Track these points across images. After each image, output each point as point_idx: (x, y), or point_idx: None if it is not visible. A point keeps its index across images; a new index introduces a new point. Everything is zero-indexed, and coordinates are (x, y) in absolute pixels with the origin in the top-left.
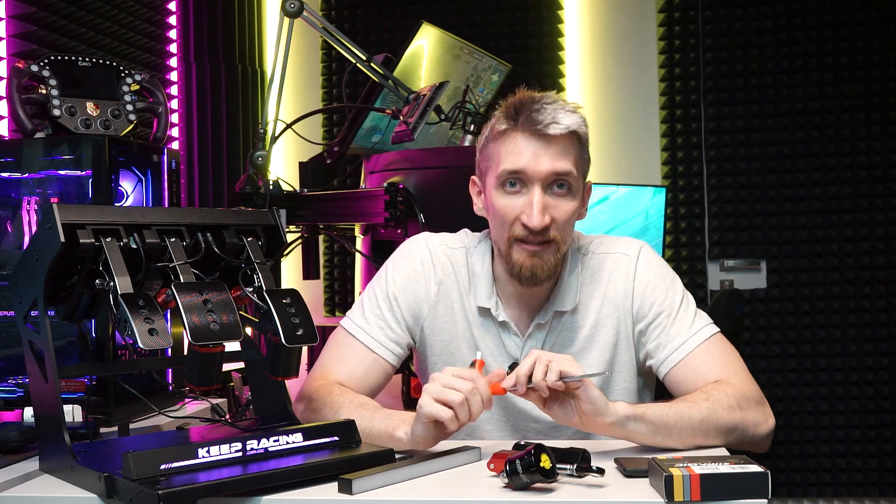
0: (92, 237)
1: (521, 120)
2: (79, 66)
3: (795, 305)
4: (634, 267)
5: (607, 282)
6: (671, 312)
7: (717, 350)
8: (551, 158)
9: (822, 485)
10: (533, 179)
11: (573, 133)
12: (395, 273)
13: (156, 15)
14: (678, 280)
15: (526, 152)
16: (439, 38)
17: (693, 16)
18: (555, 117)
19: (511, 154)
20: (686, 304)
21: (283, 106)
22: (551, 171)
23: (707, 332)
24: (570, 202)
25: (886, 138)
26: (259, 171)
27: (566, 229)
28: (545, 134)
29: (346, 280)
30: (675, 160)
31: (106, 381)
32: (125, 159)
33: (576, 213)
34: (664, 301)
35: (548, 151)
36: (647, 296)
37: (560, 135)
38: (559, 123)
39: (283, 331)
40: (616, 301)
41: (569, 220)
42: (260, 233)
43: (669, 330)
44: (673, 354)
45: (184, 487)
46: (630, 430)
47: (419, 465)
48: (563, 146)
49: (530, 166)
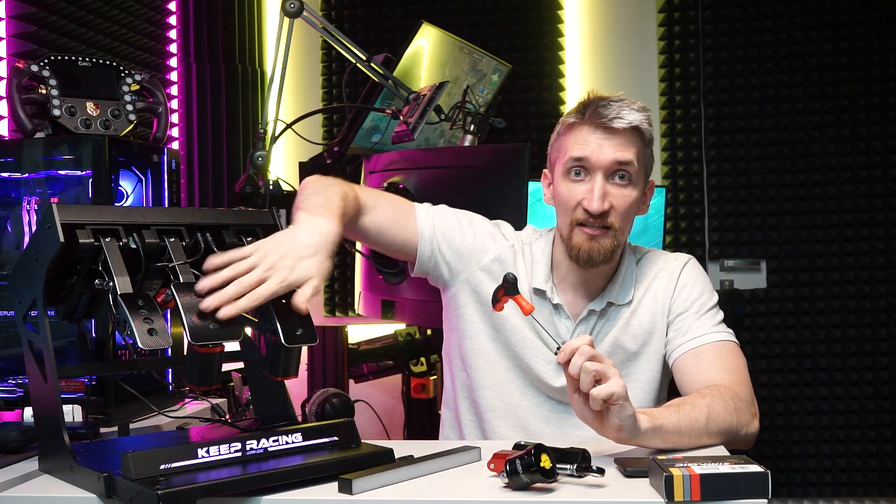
0: (91, 237)
1: (588, 114)
2: (79, 66)
3: (795, 305)
4: (681, 269)
5: (653, 280)
6: (699, 310)
7: (729, 353)
8: (614, 149)
9: (822, 485)
10: (596, 168)
11: (636, 129)
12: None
13: (156, 15)
14: (715, 294)
15: (591, 142)
16: (439, 38)
17: (693, 16)
18: (619, 112)
19: (577, 144)
20: (717, 311)
21: (283, 106)
22: (613, 161)
23: (725, 337)
24: (629, 192)
25: (886, 138)
26: (259, 171)
27: (625, 218)
28: (609, 127)
29: (346, 280)
30: (675, 160)
31: (106, 381)
32: (125, 159)
33: (635, 205)
34: (697, 299)
35: (611, 143)
36: (685, 293)
37: (623, 128)
38: (623, 118)
39: (283, 331)
40: (658, 293)
41: (628, 210)
42: (260, 233)
43: (693, 322)
44: (687, 343)
45: (183, 487)
46: (645, 442)
47: (419, 465)
48: (626, 139)
49: (594, 155)
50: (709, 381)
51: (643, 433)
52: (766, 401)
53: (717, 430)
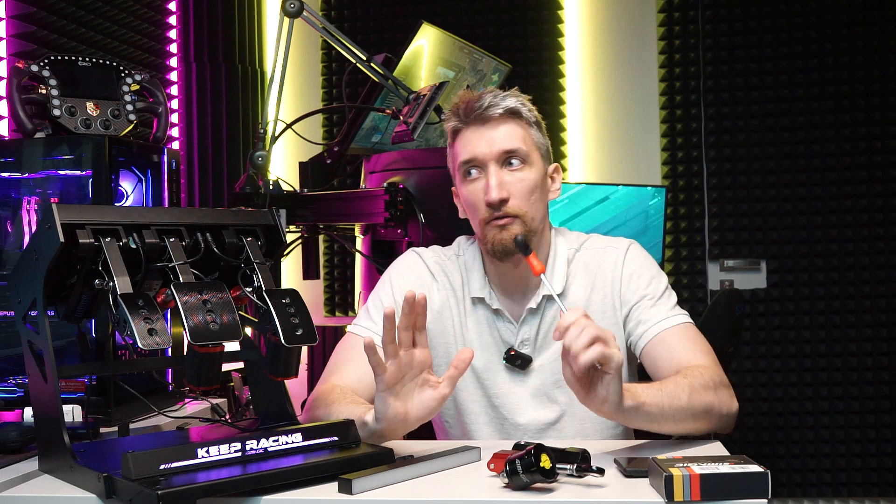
0: (91, 237)
1: (463, 114)
2: (79, 66)
3: (795, 305)
4: (623, 258)
5: (597, 272)
6: (654, 297)
7: (692, 334)
8: (497, 137)
9: (822, 485)
10: (486, 160)
11: (513, 111)
12: (400, 279)
13: (156, 15)
14: (664, 275)
15: (475, 139)
16: (439, 38)
17: (693, 16)
18: (492, 101)
19: (464, 146)
20: (669, 294)
21: (283, 106)
22: (499, 149)
23: (683, 319)
24: (525, 174)
25: (886, 138)
26: (259, 171)
27: (528, 202)
28: (487, 117)
29: (346, 280)
30: (675, 160)
31: (106, 381)
32: (125, 159)
33: (536, 188)
34: (648, 287)
35: (492, 132)
36: (633, 282)
37: (500, 114)
38: (497, 105)
39: (283, 331)
40: (605, 288)
41: (529, 193)
42: (259, 233)
43: (650, 310)
44: (651, 329)
45: (183, 487)
46: (627, 419)
47: (419, 465)
48: (507, 125)
49: (480, 149)
50: (683, 362)
51: (626, 410)
52: (766, 401)
53: (700, 409)
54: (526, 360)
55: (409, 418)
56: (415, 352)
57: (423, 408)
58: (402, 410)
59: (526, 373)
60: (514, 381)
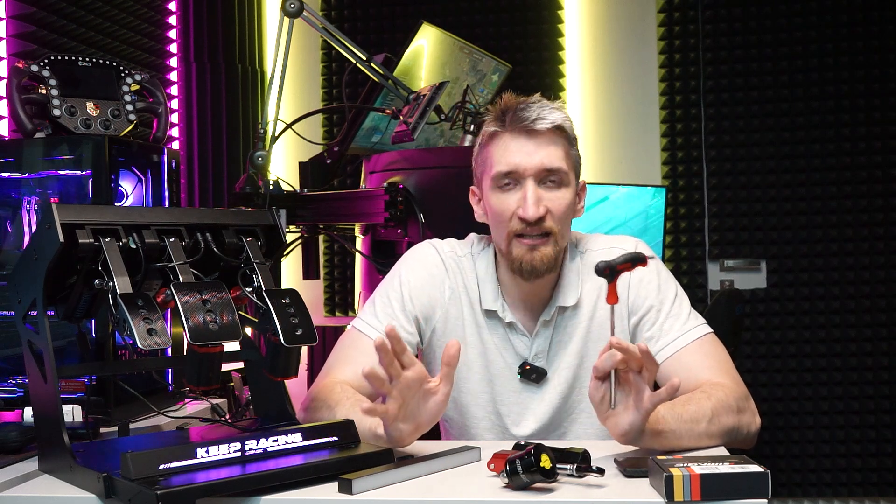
0: (91, 237)
1: (508, 120)
2: (79, 66)
3: (795, 305)
4: None
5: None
6: (664, 307)
7: (710, 349)
8: (541, 153)
9: (822, 485)
10: (525, 174)
11: (559, 128)
12: (410, 274)
13: (156, 15)
14: (673, 278)
15: (516, 150)
16: (439, 38)
17: (693, 16)
18: (540, 114)
19: (503, 155)
20: (680, 300)
21: (283, 106)
22: (541, 165)
23: (700, 331)
24: (563, 193)
25: (886, 138)
26: (259, 171)
27: (563, 222)
28: (533, 130)
29: (346, 280)
30: (675, 160)
31: (106, 381)
32: (125, 159)
33: (571, 207)
34: (657, 295)
35: (537, 147)
36: (642, 289)
37: (547, 129)
38: (545, 119)
39: (283, 331)
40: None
41: (565, 213)
42: (259, 233)
43: (663, 324)
44: (666, 348)
45: (182, 487)
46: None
47: (419, 465)
48: (552, 141)
49: (522, 163)
50: (702, 381)
51: (644, 438)
52: (766, 401)
53: (721, 433)
54: (541, 374)
55: (420, 429)
56: (406, 374)
57: (431, 414)
58: (413, 427)
59: (539, 385)
60: (523, 392)
